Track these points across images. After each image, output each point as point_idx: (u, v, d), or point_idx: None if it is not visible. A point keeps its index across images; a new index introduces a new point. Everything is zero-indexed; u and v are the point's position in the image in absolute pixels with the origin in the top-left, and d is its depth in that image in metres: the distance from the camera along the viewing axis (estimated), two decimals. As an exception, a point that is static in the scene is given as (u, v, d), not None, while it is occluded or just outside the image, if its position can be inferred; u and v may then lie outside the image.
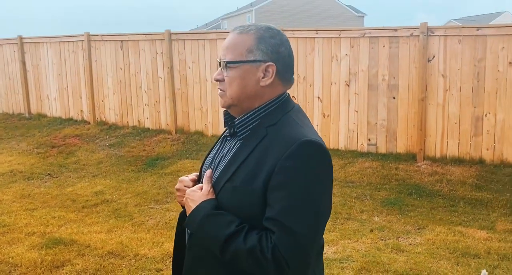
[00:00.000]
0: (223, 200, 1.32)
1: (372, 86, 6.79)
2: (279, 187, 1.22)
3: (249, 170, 1.28)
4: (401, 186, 5.92)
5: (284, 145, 1.25)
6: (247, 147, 1.33)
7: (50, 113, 10.31)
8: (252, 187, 1.26)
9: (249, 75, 1.34)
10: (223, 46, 1.37)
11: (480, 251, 4.06)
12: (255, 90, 1.35)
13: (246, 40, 1.33)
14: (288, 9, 32.81)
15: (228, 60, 1.34)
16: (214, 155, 1.46)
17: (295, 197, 1.22)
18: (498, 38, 5.96)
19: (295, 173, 1.22)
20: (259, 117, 1.36)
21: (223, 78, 1.36)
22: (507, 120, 6.02)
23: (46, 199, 5.92)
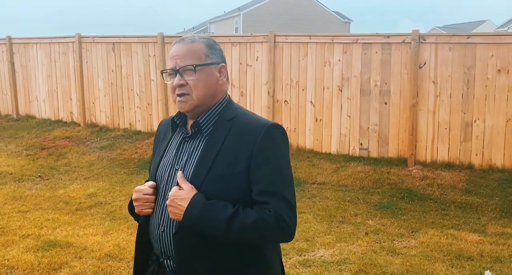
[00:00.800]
0: (208, 191, 1.44)
1: (365, 91, 6.89)
2: (261, 164, 1.43)
3: (227, 158, 1.44)
4: (393, 190, 6.01)
5: (255, 130, 1.45)
6: (217, 139, 1.48)
7: (39, 115, 10.19)
8: (235, 171, 1.43)
9: (211, 76, 1.52)
10: (177, 55, 1.50)
11: (473, 254, 4.16)
12: (215, 89, 1.53)
13: (200, 47, 1.51)
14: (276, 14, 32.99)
15: (193, 63, 1.48)
16: (173, 158, 1.55)
17: (277, 171, 1.45)
18: (487, 46, 6.12)
19: (271, 151, 1.45)
20: (217, 112, 1.54)
21: (186, 82, 1.49)
22: (495, 126, 6.17)
23: (39, 201, 5.86)
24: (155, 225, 1.54)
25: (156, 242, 1.55)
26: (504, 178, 6.01)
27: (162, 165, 1.58)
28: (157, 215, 1.54)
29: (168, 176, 1.54)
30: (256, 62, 7.61)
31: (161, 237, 1.52)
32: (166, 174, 1.55)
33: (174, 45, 1.55)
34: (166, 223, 1.51)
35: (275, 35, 7.42)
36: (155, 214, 1.55)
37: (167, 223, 1.51)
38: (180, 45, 1.52)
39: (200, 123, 1.53)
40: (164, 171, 1.57)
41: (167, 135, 1.66)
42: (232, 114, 1.54)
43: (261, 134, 1.45)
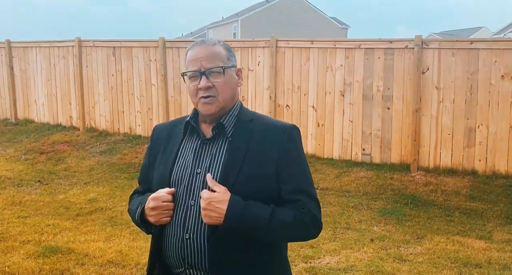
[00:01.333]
0: (239, 192, 1.42)
1: (367, 96, 6.87)
2: (289, 165, 1.48)
3: (255, 160, 1.46)
4: (397, 196, 5.97)
5: (278, 132, 1.50)
6: (241, 141, 1.49)
7: (37, 119, 10.11)
8: (264, 173, 1.45)
9: (233, 79, 1.54)
10: (201, 57, 1.49)
11: (481, 261, 4.11)
12: (235, 91, 1.56)
13: (221, 50, 1.52)
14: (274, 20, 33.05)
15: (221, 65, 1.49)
16: (193, 161, 1.51)
17: (303, 170, 1.52)
18: (491, 52, 6.11)
19: (296, 152, 1.51)
20: (235, 115, 1.54)
21: (213, 84, 1.48)
22: (499, 132, 6.15)
23: (38, 206, 5.78)
24: (175, 233, 1.48)
25: (175, 252, 1.48)
26: (508, 184, 5.98)
27: (177, 170, 1.53)
28: (178, 223, 1.48)
29: (188, 181, 1.49)
30: (258, 67, 7.58)
31: (185, 246, 1.46)
32: (186, 179, 1.50)
33: (194, 48, 1.53)
34: (193, 230, 1.45)
35: (276, 40, 7.40)
36: (175, 222, 1.49)
37: (193, 229, 1.45)
38: (202, 47, 1.51)
39: (223, 124, 1.52)
40: (181, 176, 1.51)
41: (172, 140, 1.61)
42: (249, 116, 1.56)
43: (285, 136, 1.49)
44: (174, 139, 1.60)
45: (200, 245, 1.44)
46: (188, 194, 1.48)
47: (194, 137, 1.56)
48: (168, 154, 1.59)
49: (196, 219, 1.45)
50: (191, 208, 1.47)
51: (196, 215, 1.46)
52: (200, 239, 1.44)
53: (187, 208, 1.47)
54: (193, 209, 1.47)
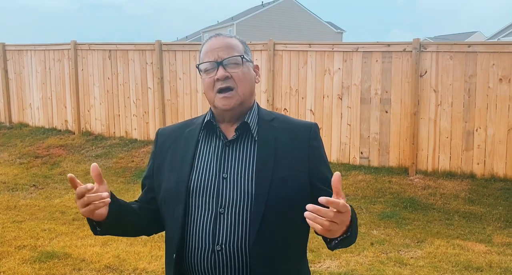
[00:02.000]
0: (276, 194, 1.34)
1: (365, 100, 6.85)
2: (319, 163, 1.44)
3: (286, 160, 1.39)
4: (396, 199, 5.94)
5: (304, 131, 1.45)
6: (269, 141, 1.41)
7: (32, 123, 10.02)
8: (298, 173, 1.39)
9: (251, 73, 1.45)
10: (218, 47, 1.40)
11: (481, 265, 4.09)
12: (254, 87, 1.47)
13: (238, 43, 1.44)
14: (269, 25, 33.11)
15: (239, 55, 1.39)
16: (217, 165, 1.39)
17: (328, 165, 1.50)
18: (489, 55, 6.12)
19: (322, 149, 1.49)
20: (256, 113, 1.46)
21: (230, 75, 1.38)
22: (497, 135, 6.14)
23: (34, 211, 5.71)
24: (202, 245, 1.34)
25: (202, 266, 1.34)
26: (506, 187, 5.97)
27: (197, 176, 1.39)
28: (205, 234, 1.34)
29: (213, 187, 1.37)
30: (255, 70, 7.54)
31: (216, 258, 1.32)
32: (210, 185, 1.37)
33: (210, 40, 1.44)
34: (225, 240, 1.32)
35: (274, 43, 7.38)
36: (201, 233, 1.34)
37: (226, 240, 1.32)
38: (219, 38, 1.43)
39: (248, 124, 1.42)
40: (202, 182, 1.38)
41: (183, 144, 1.46)
42: (269, 115, 1.49)
43: (311, 135, 1.46)
44: (185, 142, 1.46)
45: (235, 256, 1.32)
46: (215, 201, 1.35)
47: (213, 139, 1.43)
48: (181, 159, 1.44)
49: (229, 228, 1.32)
50: (221, 216, 1.34)
51: (228, 224, 1.33)
52: (235, 250, 1.32)
53: (215, 217, 1.34)
54: (223, 217, 1.33)
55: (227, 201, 1.34)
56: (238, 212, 1.33)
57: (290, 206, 1.35)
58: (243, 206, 1.33)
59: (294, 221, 1.33)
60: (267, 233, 1.31)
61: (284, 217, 1.34)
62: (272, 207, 1.32)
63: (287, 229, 1.36)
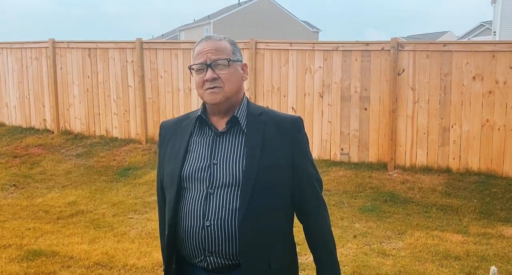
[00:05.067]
0: (262, 181, 1.51)
1: (345, 97, 7.02)
2: (301, 154, 1.61)
3: (272, 150, 1.54)
4: (376, 193, 6.12)
5: (289, 123, 1.60)
6: (256, 133, 1.56)
7: (9, 122, 9.84)
8: (282, 162, 1.55)
9: (238, 72, 1.60)
10: (208, 50, 1.56)
11: (459, 254, 4.28)
12: (241, 84, 1.62)
13: (227, 45, 1.59)
14: (246, 23, 33.19)
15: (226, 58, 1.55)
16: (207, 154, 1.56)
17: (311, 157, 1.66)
18: (463, 54, 6.36)
19: (305, 142, 1.64)
20: (245, 107, 1.61)
21: (218, 76, 1.54)
22: (471, 131, 6.40)
23: (16, 210, 5.65)
24: (194, 222, 1.51)
25: (194, 241, 1.51)
26: (480, 181, 6.23)
27: (189, 163, 1.57)
28: (196, 212, 1.51)
29: (204, 172, 1.54)
30: (237, 69, 7.61)
31: (206, 233, 1.49)
32: (200, 171, 1.54)
33: (201, 43, 1.59)
34: (214, 217, 1.49)
35: (256, 41, 7.47)
36: (193, 212, 1.52)
37: (215, 216, 1.49)
38: (209, 41, 1.58)
39: (237, 118, 1.58)
40: (194, 169, 1.55)
41: (180, 135, 1.64)
42: (258, 109, 1.64)
43: (295, 127, 1.61)
44: (181, 134, 1.63)
45: (224, 230, 1.48)
46: (206, 184, 1.52)
47: (205, 131, 1.60)
48: (177, 149, 1.61)
49: (219, 205, 1.49)
50: (211, 196, 1.51)
51: (218, 203, 1.50)
52: (224, 225, 1.48)
53: (206, 197, 1.51)
54: (213, 197, 1.51)
55: (217, 183, 1.51)
56: (227, 192, 1.50)
57: (274, 189, 1.53)
58: (232, 187, 1.50)
59: (278, 202, 1.55)
60: (254, 211, 1.48)
61: (269, 199, 1.52)
62: (259, 189, 1.49)
63: (272, 210, 1.53)
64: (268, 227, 1.52)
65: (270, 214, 1.52)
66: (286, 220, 1.60)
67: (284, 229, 1.60)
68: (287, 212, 1.60)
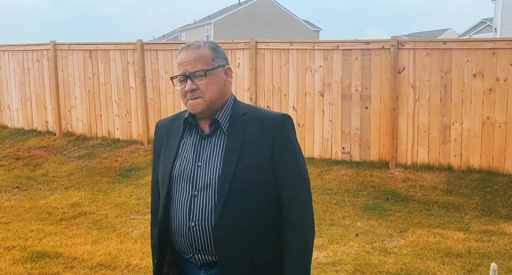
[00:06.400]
0: (240, 180, 1.54)
1: (346, 96, 7.03)
2: (283, 152, 1.60)
3: (251, 149, 1.57)
4: (377, 192, 6.14)
5: (271, 121, 1.61)
6: (237, 134, 1.60)
7: (11, 124, 9.89)
8: (261, 160, 1.57)
9: (219, 78, 1.62)
10: (186, 62, 1.59)
11: (461, 251, 4.29)
12: (223, 89, 1.64)
13: (206, 52, 1.61)
14: (246, 23, 33.21)
15: (203, 68, 1.58)
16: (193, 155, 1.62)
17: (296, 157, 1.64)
18: (463, 52, 6.37)
19: (288, 140, 1.63)
20: (230, 108, 1.65)
21: (197, 87, 1.58)
22: (472, 129, 6.40)
23: (19, 212, 5.68)
24: (181, 222, 1.58)
25: (183, 239, 1.59)
26: (481, 178, 6.23)
27: (178, 164, 1.64)
28: (183, 212, 1.58)
29: (190, 173, 1.60)
30: (238, 69, 7.64)
31: (191, 233, 1.56)
32: (188, 171, 1.61)
33: (180, 52, 1.63)
34: (198, 218, 1.56)
35: (256, 41, 7.49)
36: (180, 212, 1.59)
37: (198, 217, 1.55)
38: (187, 51, 1.61)
39: (218, 121, 1.62)
40: (182, 168, 1.62)
41: (172, 136, 1.70)
42: (243, 109, 1.66)
43: (277, 124, 1.61)
44: (174, 134, 1.70)
45: (205, 231, 1.55)
46: (191, 185, 1.59)
47: (193, 132, 1.66)
48: (169, 149, 1.69)
49: (200, 208, 1.56)
50: (195, 198, 1.57)
51: (200, 204, 1.56)
52: (205, 226, 1.54)
53: (191, 199, 1.58)
54: (196, 199, 1.57)
55: (200, 185, 1.58)
56: (208, 194, 1.56)
57: (253, 189, 1.56)
58: (212, 188, 1.56)
59: (258, 201, 1.57)
60: (230, 211, 1.53)
61: (247, 200, 1.55)
62: (235, 189, 1.53)
63: (251, 209, 1.55)
64: (248, 225, 1.54)
65: (249, 213, 1.55)
66: (270, 217, 1.59)
67: (268, 226, 1.60)
68: (270, 209, 1.59)
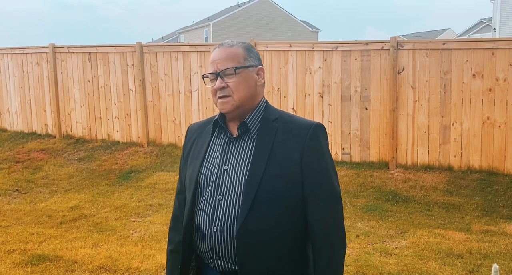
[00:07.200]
0: (266, 189, 1.48)
1: (345, 97, 7.03)
2: (313, 164, 1.52)
3: (280, 158, 1.50)
4: (378, 193, 6.13)
5: (302, 130, 1.53)
6: (266, 140, 1.54)
7: (10, 127, 9.88)
8: (289, 171, 1.50)
9: (250, 78, 1.57)
10: (217, 59, 1.56)
11: (462, 252, 4.29)
12: (255, 90, 1.59)
13: (238, 51, 1.57)
14: (245, 24, 33.22)
15: (233, 66, 1.54)
16: (220, 159, 1.57)
17: (326, 168, 1.55)
18: (462, 52, 6.37)
19: (320, 151, 1.55)
20: (261, 112, 1.59)
21: (227, 85, 1.54)
22: (472, 129, 6.40)
23: (19, 215, 5.67)
24: (204, 226, 1.54)
25: (204, 244, 1.54)
26: (482, 178, 6.23)
27: (205, 167, 1.60)
28: (206, 216, 1.54)
29: (216, 177, 1.56)
30: (237, 70, 7.63)
31: (213, 238, 1.52)
32: (214, 175, 1.56)
33: (214, 51, 1.59)
34: (220, 223, 1.51)
35: (255, 43, 7.48)
36: (204, 215, 1.55)
37: (221, 223, 1.51)
38: (219, 50, 1.58)
39: (247, 124, 1.57)
40: (209, 172, 1.58)
41: (202, 139, 1.68)
42: (275, 114, 1.60)
43: (308, 135, 1.53)
44: (203, 137, 1.68)
45: (227, 237, 1.49)
46: (216, 189, 1.54)
47: (222, 135, 1.62)
48: (198, 152, 1.66)
49: (224, 213, 1.51)
50: (219, 202, 1.53)
51: (224, 209, 1.51)
52: (227, 232, 1.49)
53: (215, 203, 1.53)
54: (221, 204, 1.52)
55: (225, 189, 1.53)
56: (232, 200, 1.51)
57: (278, 199, 1.49)
58: (237, 194, 1.50)
59: (283, 213, 1.49)
60: (253, 221, 1.47)
61: (271, 209, 1.48)
62: (260, 198, 1.47)
63: (275, 220, 1.49)
64: (270, 236, 1.48)
65: (273, 224, 1.48)
66: (294, 229, 1.53)
67: (292, 239, 1.53)
68: (295, 222, 1.52)
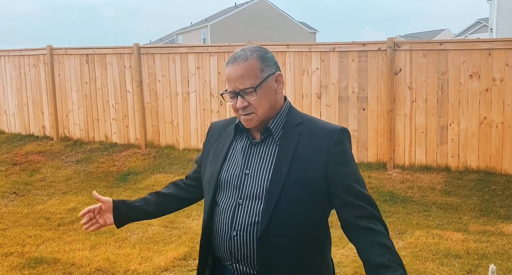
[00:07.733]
0: (288, 195, 1.46)
1: (343, 98, 7.04)
2: (339, 168, 1.48)
3: (303, 163, 1.47)
4: (376, 193, 6.13)
5: (326, 136, 1.50)
6: (289, 145, 1.51)
7: (8, 129, 9.86)
8: (313, 177, 1.46)
9: (270, 89, 1.54)
10: (234, 78, 1.51)
11: (460, 252, 4.29)
12: (275, 99, 1.56)
13: (254, 63, 1.51)
14: (243, 25, 33.24)
15: (252, 85, 1.50)
16: (241, 162, 1.55)
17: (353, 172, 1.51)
18: (459, 53, 6.38)
19: (345, 156, 1.51)
20: (284, 116, 1.56)
21: (249, 103, 1.51)
22: (469, 129, 6.41)
23: (17, 218, 5.66)
24: (223, 230, 1.53)
25: (223, 247, 1.53)
26: (479, 178, 6.24)
27: (226, 169, 1.58)
28: (226, 220, 1.52)
29: (237, 181, 1.54)
30: (235, 72, 7.63)
31: (233, 242, 1.50)
32: (235, 178, 1.55)
33: (227, 66, 1.55)
34: (240, 227, 1.49)
35: (253, 44, 7.47)
36: (224, 219, 1.53)
37: (241, 227, 1.49)
38: (234, 66, 1.52)
39: (270, 129, 1.55)
40: (230, 175, 1.57)
41: (223, 139, 1.66)
42: (298, 119, 1.58)
43: (333, 139, 1.50)
44: (225, 138, 1.66)
45: (246, 242, 1.48)
46: (237, 193, 1.53)
47: (243, 137, 1.61)
48: (218, 153, 1.64)
49: (244, 217, 1.49)
50: (239, 206, 1.51)
51: (244, 214, 1.50)
52: (247, 237, 1.48)
53: (235, 207, 1.52)
54: (241, 208, 1.51)
55: (246, 194, 1.51)
56: (253, 204, 1.49)
57: (301, 206, 1.46)
58: (258, 200, 1.48)
59: (305, 220, 1.48)
60: (275, 228, 1.45)
61: (293, 216, 1.46)
62: (282, 205, 1.45)
63: (296, 227, 1.46)
64: (291, 243, 1.46)
65: (294, 231, 1.46)
66: (316, 236, 1.52)
67: (313, 246, 1.52)
68: (317, 229, 1.52)
